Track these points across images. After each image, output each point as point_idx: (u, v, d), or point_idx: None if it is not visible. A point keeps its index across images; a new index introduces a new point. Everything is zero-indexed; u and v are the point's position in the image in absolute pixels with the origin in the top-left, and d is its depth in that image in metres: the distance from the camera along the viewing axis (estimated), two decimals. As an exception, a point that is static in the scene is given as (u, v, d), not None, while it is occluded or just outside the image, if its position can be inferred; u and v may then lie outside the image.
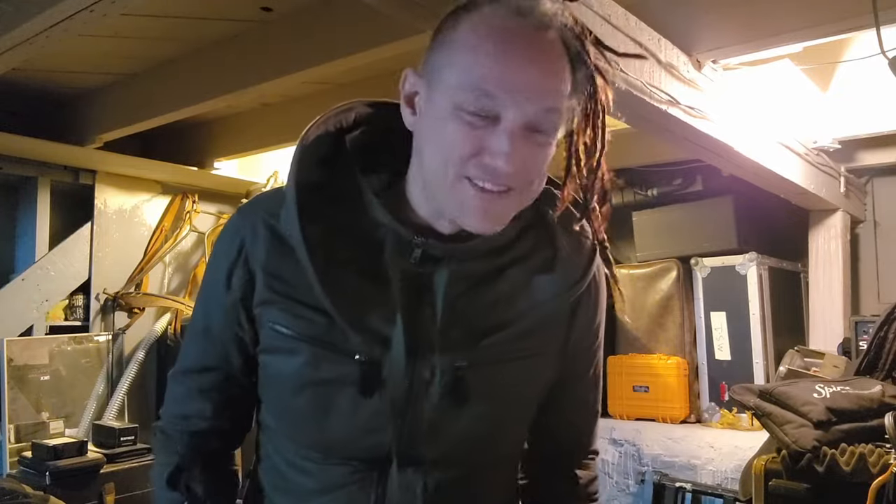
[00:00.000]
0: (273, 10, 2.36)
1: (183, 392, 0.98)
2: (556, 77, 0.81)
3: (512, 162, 0.78)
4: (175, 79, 2.83)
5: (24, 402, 3.08)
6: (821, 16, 1.80)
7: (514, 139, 0.78)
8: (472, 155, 0.79)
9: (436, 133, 0.82)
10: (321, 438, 0.89)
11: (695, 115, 1.89)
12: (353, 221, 0.87)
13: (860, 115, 2.76)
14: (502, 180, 0.80)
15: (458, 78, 0.79)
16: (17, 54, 1.88)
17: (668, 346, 3.03)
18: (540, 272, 0.91)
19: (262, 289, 0.89)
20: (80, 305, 3.46)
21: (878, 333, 2.25)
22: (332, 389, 0.86)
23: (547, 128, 0.81)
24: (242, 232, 0.91)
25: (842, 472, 1.71)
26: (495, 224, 0.84)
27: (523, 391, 0.95)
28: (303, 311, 0.86)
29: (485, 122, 0.79)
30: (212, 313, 0.95)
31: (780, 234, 3.18)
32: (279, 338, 0.88)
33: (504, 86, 0.78)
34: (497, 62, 0.78)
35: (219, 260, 0.93)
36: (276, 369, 0.91)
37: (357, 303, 0.85)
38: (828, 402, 1.89)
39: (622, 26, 1.61)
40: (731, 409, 2.80)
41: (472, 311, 0.87)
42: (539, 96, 0.79)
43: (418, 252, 0.86)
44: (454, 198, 0.82)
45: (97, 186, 3.46)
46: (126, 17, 2.33)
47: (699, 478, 2.39)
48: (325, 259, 0.85)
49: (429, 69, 0.84)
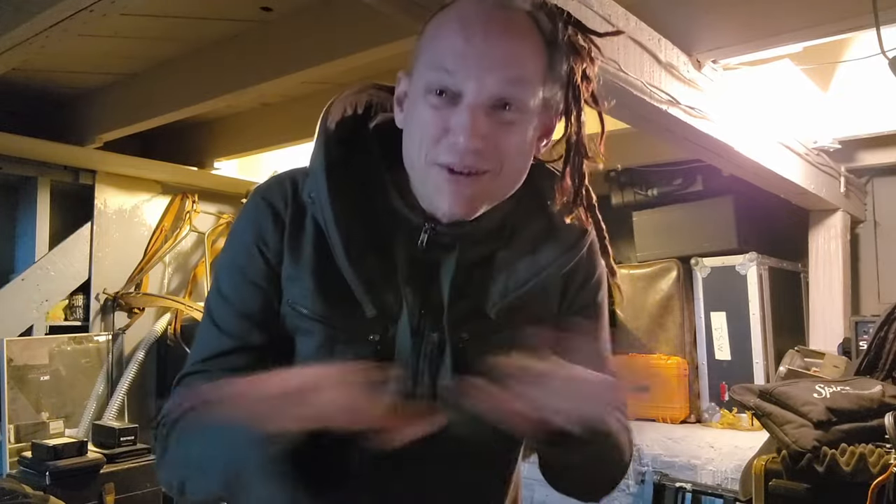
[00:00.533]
0: (273, 10, 2.36)
1: (203, 382, 0.86)
2: (519, 49, 0.81)
3: (474, 137, 0.78)
4: (175, 79, 2.83)
5: (24, 402, 3.08)
6: (821, 16, 1.80)
7: (476, 114, 0.78)
8: (438, 137, 0.80)
9: (411, 121, 0.84)
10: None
11: (695, 115, 1.89)
12: (369, 204, 0.89)
13: (860, 115, 2.76)
14: (468, 160, 0.80)
15: (425, 61, 0.82)
16: (17, 54, 1.88)
17: (669, 346, 3.02)
18: (540, 240, 0.92)
19: (287, 263, 0.89)
20: (80, 305, 3.46)
21: (879, 333, 2.25)
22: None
23: (516, 102, 0.80)
24: (271, 200, 0.90)
25: (842, 472, 1.72)
26: (468, 208, 0.84)
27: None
28: (320, 289, 0.87)
29: (448, 101, 0.80)
30: (237, 288, 0.90)
31: (781, 234, 3.18)
32: (298, 317, 0.88)
33: (462, 60, 0.78)
34: (457, 38, 0.79)
35: (241, 236, 0.91)
36: (300, 349, 0.90)
37: (374, 282, 0.86)
38: (828, 402, 1.89)
39: (622, 26, 1.61)
40: (732, 409, 2.80)
41: (477, 289, 0.89)
42: (499, 67, 0.79)
43: (425, 238, 0.88)
44: (429, 184, 0.83)
45: (97, 186, 3.46)
46: (126, 17, 2.33)
47: (699, 478, 2.39)
48: (348, 234, 0.86)
49: (412, 66, 0.86)
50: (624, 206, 3.37)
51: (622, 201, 3.38)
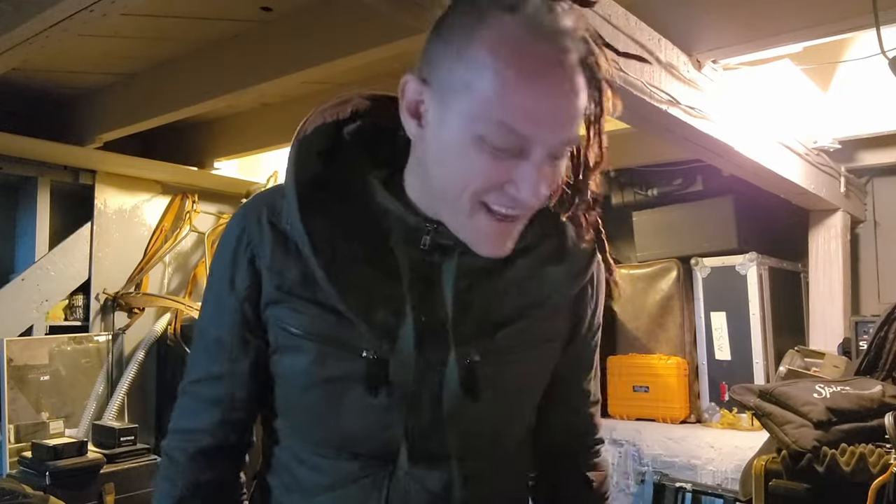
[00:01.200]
0: (273, 10, 2.36)
1: (190, 404, 0.95)
2: (579, 105, 0.77)
3: (538, 194, 0.77)
4: (175, 79, 2.83)
5: (23, 402, 3.08)
6: (821, 16, 1.79)
7: (544, 171, 0.77)
8: (493, 184, 0.77)
9: (452, 156, 0.78)
10: (332, 435, 0.89)
11: (695, 115, 1.89)
12: (357, 212, 0.85)
13: (860, 115, 2.76)
14: (525, 209, 0.79)
15: (480, 107, 0.74)
16: (16, 54, 1.88)
17: (669, 346, 3.02)
18: (549, 261, 0.90)
19: (268, 288, 0.87)
20: (80, 305, 3.46)
21: (879, 333, 2.25)
22: (341, 387, 0.85)
23: (567, 153, 0.81)
24: (248, 231, 0.89)
25: (842, 473, 1.71)
26: (508, 248, 0.83)
27: (533, 382, 0.95)
28: (310, 308, 0.85)
29: (510, 153, 0.76)
30: (218, 317, 0.92)
31: (781, 234, 3.18)
32: (287, 337, 0.87)
33: (531, 123, 0.74)
34: (523, 97, 0.73)
35: (223, 261, 0.91)
36: (286, 368, 0.89)
37: (365, 296, 0.83)
38: (828, 402, 1.89)
39: (622, 26, 1.61)
40: (732, 409, 2.80)
41: (482, 303, 0.86)
42: (565, 130, 0.77)
43: (427, 239, 0.85)
44: (469, 224, 0.80)
45: (97, 186, 3.46)
46: (126, 17, 2.33)
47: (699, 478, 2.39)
48: (331, 252, 0.83)
49: (438, 81, 0.78)
50: (624, 206, 3.37)
51: (622, 201, 3.38)
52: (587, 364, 1.02)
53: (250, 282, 0.88)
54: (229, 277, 0.89)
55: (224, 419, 0.93)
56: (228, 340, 0.91)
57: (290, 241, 0.86)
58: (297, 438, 0.92)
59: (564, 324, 0.95)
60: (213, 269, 0.94)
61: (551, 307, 0.91)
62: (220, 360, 0.92)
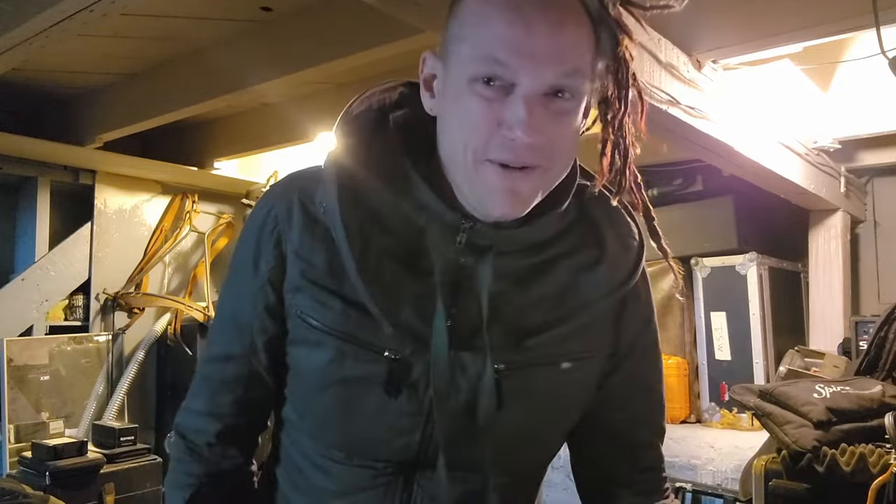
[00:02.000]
0: (273, 10, 2.36)
1: (205, 384, 0.92)
2: (573, 36, 0.74)
3: (530, 131, 0.72)
4: (175, 79, 2.83)
5: (24, 402, 3.08)
6: (821, 16, 1.79)
7: (532, 107, 0.72)
8: (490, 131, 0.73)
9: (453, 113, 0.77)
10: (345, 439, 0.85)
11: (695, 115, 1.89)
12: (395, 205, 0.81)
13: (860, 115, 2.76)
14: (523, 154, 0.73)
15: (469, 48, 0.74)
16: (16, 54, 1.88)
17: (669, 346, 3.02)
18: (586, 270, 0.85)
19: (293, 274, 0.83)
20: (80, 305, 3.46)
21: (879, 333, 2.25)
22: (359, 388, 0.82)
23: (571, 91, 0.74)
24: (275, 212, 0.85)
25: (842, 473, 1.71)
26: (520, 207, 0.77)
27: (566, 397, 0.88)
28: (334, 301, 0.81)
29: (499, 92, 0.73)
30: (239, 298, 0.89)
31: (781, 234, 3.18)
32: (307, 329, 0.83)
33: (515, 51, 0.71)
34: (506, 25, 0.72)
35: (249, 241, 0.87)
36: (303, 363, 0.86)
37: (395, 294, 0.79)
38: (828, 402, 1.89)
39: (622, 26, 1.60)
40: (732, 409, 2.79)
41: (515, 310, 0.82)
42: (555, 60, 0.72)
43: (463, 237, 0.80)
44: (476, 182, 0.76)
45: (97, 186, 3.46)
46: (126, 17, 2.33)
47: (699, 478, 2.39)
48: (363, 245, 0.79)
49: (444, 50, 0.79)
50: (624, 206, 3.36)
51: (622, 201, 3.37)
52: (642, 386, 0.94)
53: (275, 263, 0.85)
54: (253, 258, 0.86)
55: (236, 405, 0.90)
56: (247, 321, 0.87)
57: (320, 226, 0.82)
58: (308, 439, 0.89)
59: (605, 340, 0.89)
60: (237, 249, 0.90)
61: (589, 319, 0.85)
62: (239, 340, 0.88)
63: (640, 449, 0.96)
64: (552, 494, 2.62)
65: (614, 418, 0.94)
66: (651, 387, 0.96)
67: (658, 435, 0.98)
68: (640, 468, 0.96)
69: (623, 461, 0.95)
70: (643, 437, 0.96)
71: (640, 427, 0.96)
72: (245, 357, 0.88)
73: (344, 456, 0.85)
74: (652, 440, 0.97)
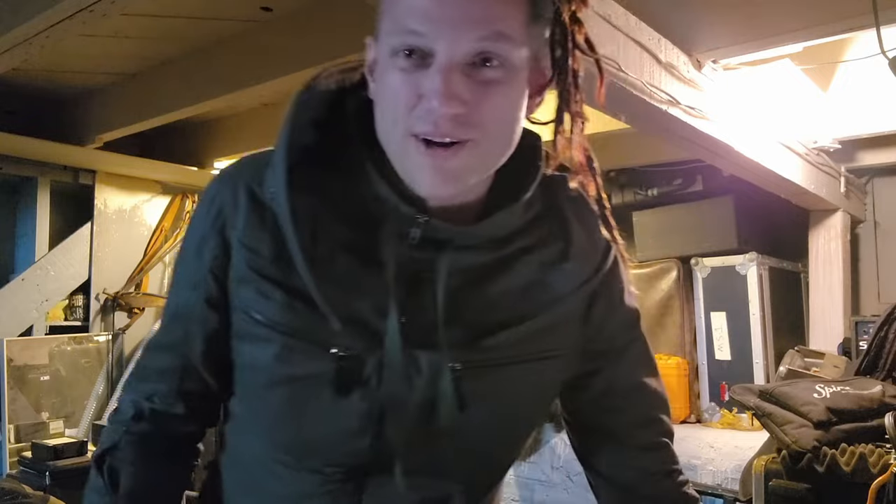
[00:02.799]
0: (273, 10, 2.36)
1: (143, 368, 0.87)
2: (489, 4, 0.69)
3: (449, 101, 0.67)
4: (175, 79, 2.83)
5: (24, 402, 3.08)
6: (821, 16, 1.79)
7: (450, 75, 0.67)
8: (412, 104, 0.69)
9: (381, 92, 0.73)
10: (294, 441, 0.80)
11: (695, 115, 1.89)
12: (349, 194, 0.77)
13: (860, 115, 2.75)
14: (445, 127, 0.68)
15: (388, 22, 0.71)
16: (16, 54, 1.88)
17: (669, 347, 3.02)
18: (552, 266, 0.81)
19: (238, 264, 0.78)
20: (80, 305, 3.46)
21: (879, 333, 2.25)
22: (308, 388, 0.76)
23: (497, 58, 0.69)
24: (221, 198, 0.80)
25: (842, 473, 1.71)
26: (450, 187, 0.72)
27: (530, 397, 0.84)
28: (279, 293, 0.76)
29: (418, 62, 0.69)
30: (182, 287, 0.84)
31: (781, 234, 3.18)
32: (251, 323, 0.78)
33: (427, 17, 0.67)
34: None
35: (194, 228, 0.83)
36: (248, 359, 0.80)
37: (346, 288, 0.75)
38: (828, 402, 1.89)
39: (622, 26, 1.60)
40: (732, 409, 2.79)
41: (475, 307, 0.78)
42: (472, 24, 0.68)
43: (417, 232, 0.75)
44: (405, 160, 0.72)
45: (97, 186, 3.47)
46: (126, 17, 2.33)
47: (699, 478, 2.39)
48: (313, 233, 0.74)
49: (376, 28, 0.75)
50: (624, 206, 3.36)
51: (622, 201, 3.38)
52: (630, 385, 0.90)
53: (219, 252, 0.80)
54: (197, 246, 0.81)
55: (176, 390, 0.84)
56: (187, 312, 0.83)
57: (268, 213, 0.77)
58: (255, 435, 0.84)
59: (572, 338, 0.84)
60: (185, 236, 0.86)
61: (554, 316, 0.81)
62: (178, 331, 0.84)
63: (646, 452, 0.91)
64: (552, 494, 2.62)
65: (610, 422, 0.90)
66: (640, 384, 0.91)
67: (662, 434, 0.92)
68: (651, 472, 0.90)
69: (632, 466, 0.90)
70: (644, 439, 0.91)
71: (640, 428, 0.91)
72: (180, 348, 0.83)
73: (293, 460, 0.80)
74: (656, 441, 0.91)
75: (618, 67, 1.56)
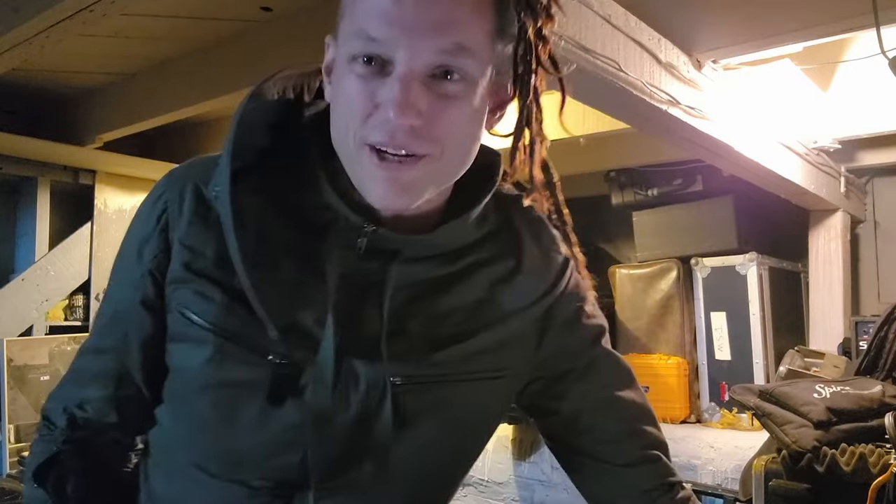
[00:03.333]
0: (273, 10, 2.36)
1: (78, 372, 0.85)
2: (455, 8, 0.67)
3: (407, 112, 0.65)
4: (175, 79, 2.83)
5: (23, 402, 3.08)
6: (821, 16, 1.79)
7: (409, 85, 0.65)
8: (367, 112, 0.67)
9: (337, 97, 0.72)
10: (220, 450, 0.77)
11: (695, 115, 1.89)
12: (299, 201, 0.75)
13: (860, 115, 2.76)
14: (401, 139, 0.67)
15: (348, 25, 0.69)
16: (16, 54, 1.88)
17: (669, 347, 3.02)
18: (502, 282, 0.79)
19: (177, 265, 0.76)
20: (80, 305, 3.46)
21: (879, 333, 2.25)
22: (239, 394, 0.74)
23: (458, 71, 0.67)
24: (166, 196, 0.79)
25: (842, 473, 1.71)
26: (404, 199, 0.70)
27: (474, 418, 0.82)
28: (218, 294, 0.73)
29: (376, 71, 0.67)
30: (120, 287, 0.83)
31: (781, 234, 3.18)
32: (186, 325, 0.75)
33: (387, 23, 0.65)
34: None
35: (135, 226, 0.81)
36: (180, 361, 0.78)
37: (288, 295, 0.73)
38: (828, 402, 1.89)
39: (622, 26, 1.60)
40: (732, 409, 2.79)
41: (422, 321, 0.75)
42: (432, 34, 0.65)
43: (364, 242, 0.73)
44: (359, 169, 0.70)
45: (97, 186, 3.46)
46: (126, 17, 2.32)
47: (699, 478, 2.39)
48: (258, 238, 0.72)
49: (335, 28, 0.74)
50: (624, 206, 3.37)
51: (622, 201, 3.38)
52: (604, 403, 0.87)
53: (158, 251, 0.78)
54: (139, 245, 0.80)
55: (111, 397, 0.81)
56: (125, 313, 0.80)
57: (213, 214, 0.75)
58: (180, 443, 0.80)
59: (525, 357, 0.82)
60: (126, 234, 0.84)
61: (505, 334, 0.79)
62: (114, 333, 0.81)
63: (633, 468, 0.87)
64: (552, 494, 2.62)
65: (590, 444, 0.87)
66: (612, 398, 0.87)
67: (648, 447, 0.88)
68: (645, 490, 0.87)
69: (624, 485, 0.87)
70: (629, 455, 0.87)
71: (621, 444, 0.88)
72: (117, 352, 0.81)
73: (217, 470, 0.76)
74: (642, 455, 0.88)
75: (618, 67, 1.56)
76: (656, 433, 0.90)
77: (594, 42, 1.47)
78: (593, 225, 3.56)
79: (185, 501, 0.79)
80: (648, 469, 0.88)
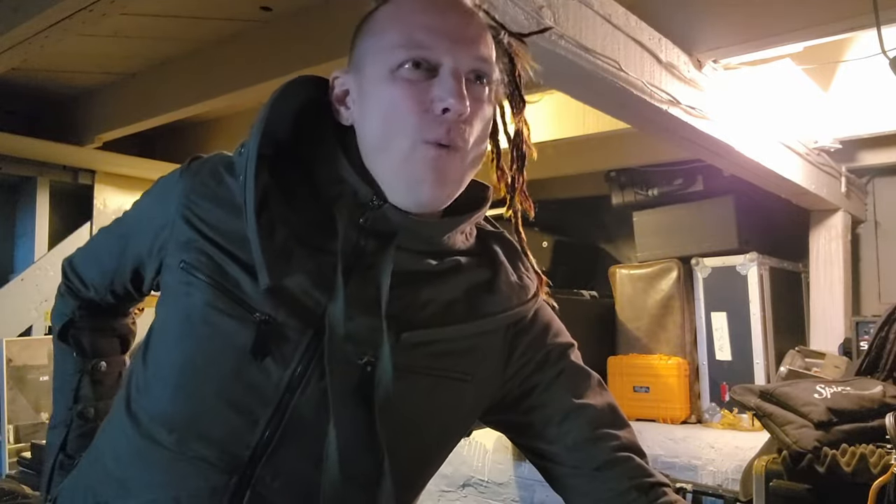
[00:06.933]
0: (273, 10, 2.36)
1: (92, 245, 1.08)
2: (481, 28, 0.82)
3: (462, 100, 0.75)
4: (175, 79, 2.83)
5: (23, 402, 3.08)
6: (821, 16, 1.79)
7: (460, 79, 0.77)
8: (421, 113, 0.76)
9: (377, 109, 0.79)
10: (183, 407, 0.77)
11: (695, 115, 1.89)
12: (314, 180, 0.84)
13: (861, 115, 2.75)
14: (454, 132, 0.76)
15: (389, 43, 0.78)
16: (16, 54, 1.88)
17: (669, 347, 3.02)
18: (478, 289, 0.86)
19: (189, 234, 0.83)
20: (80, 305, 3.45)
21: (879, 334, 2.25)
22: (216, 347, 0.77)
23: (487, 77, 0.81)
24: (190, 175, 0.88)
25: (842, 473, 1.71)
26: (447, 191, 0.80)
27: (435, 419, 0.85)
28: (221, 256, 0.80)
29: (424, 75, 0.77)
30: (135, 223, 0.96)
31: (781, 234, 3.18)
32: (181, 274, 0.81)
33: (435, 32, 0.77)
34: (422, 12, 0.79)
35: (160, 189, 0.92)
36: (169, 310, 0.84)
37: (283, 259, 0.78)
38: (828, 402, 1.88)
39: (622, 26, 1.60)
40: (732, 409, 2.79)
41: (402, 305, 0.80)
42: (471, 43, 0.79)
43: (370, 216, 0.80)
44: (412, 166, 0.77)
45: (96, 186, 3.46)
46: (126, 17, 2.32)
47: (700, 478, 2.39)
48: (269, 213, 0.80)
49: (355, 63, 0.83)
50: (624, 206, 3.36)
51: (622, 201, 3.38)
52: (567, 408, 0.89)
53: (168, 221, 0.86)
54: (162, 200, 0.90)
55: (106, 285, 1.03)
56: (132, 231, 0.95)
57: (226, 190, 0.84)
58: (147, 398, 0.81)
59: (491, 369, 0.87)
60: (153, 189, 0.95)
61: (477, 338, 0.84)
62: (125, 229, 0.98)
63: (602, 471, 0.88)
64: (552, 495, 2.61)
65: (562, 453, 0.89)
66: (576, 406, 0.90)
67: (617, 448, 0.89)
68: (621, 492, 0.87)
69: (599, 489, 0.88)
70: (598, 458, 0.89)
71: (588, 448, 0.89)
72: (122, 248, 0.97)
73: (174, 440, 0.76)
74: (611, 457, 0.89)
75: (618, 67, 1.56)
76: (627, 436, 0.92)
77: (594, 42, 1.47)
78: (593, 225, 3.56)
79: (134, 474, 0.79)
80: (619, 470, 0.88)
